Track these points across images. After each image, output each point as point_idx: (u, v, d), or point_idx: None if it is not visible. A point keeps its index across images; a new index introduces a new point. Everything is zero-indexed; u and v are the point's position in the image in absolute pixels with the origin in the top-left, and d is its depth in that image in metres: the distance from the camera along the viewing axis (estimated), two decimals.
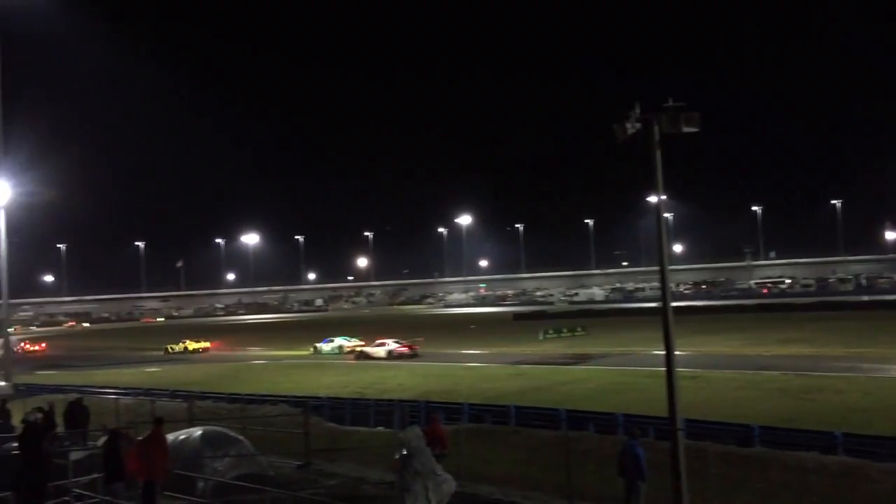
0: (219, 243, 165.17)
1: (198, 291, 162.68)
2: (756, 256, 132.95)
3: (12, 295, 44.97)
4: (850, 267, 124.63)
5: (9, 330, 44.25)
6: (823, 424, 20.45)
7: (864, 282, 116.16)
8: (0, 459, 14.50)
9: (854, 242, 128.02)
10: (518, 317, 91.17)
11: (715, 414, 22.78)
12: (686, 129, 14.72)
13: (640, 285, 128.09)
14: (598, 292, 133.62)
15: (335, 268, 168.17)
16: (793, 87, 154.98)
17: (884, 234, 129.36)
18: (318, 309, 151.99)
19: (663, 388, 15.32)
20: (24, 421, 18.70)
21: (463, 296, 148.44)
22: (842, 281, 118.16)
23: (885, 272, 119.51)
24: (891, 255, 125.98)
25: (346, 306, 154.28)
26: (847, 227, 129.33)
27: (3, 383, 36.07)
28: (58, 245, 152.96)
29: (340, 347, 55.20)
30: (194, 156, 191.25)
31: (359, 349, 52.59)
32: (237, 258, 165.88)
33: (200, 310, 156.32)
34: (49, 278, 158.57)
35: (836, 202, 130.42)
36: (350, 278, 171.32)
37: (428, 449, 13.77)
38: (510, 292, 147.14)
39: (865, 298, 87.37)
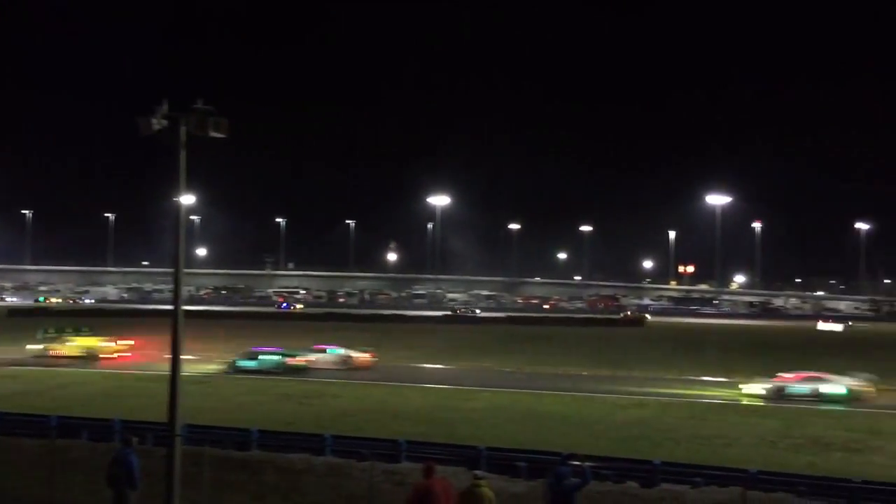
0: None
1: None
2: (276, 266, 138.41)
3: None
4: (357, 282, 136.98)
5: None
6: (318, 427, 21.96)
7: (367, 296, 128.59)
8: None
9: (362, 260, 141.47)
10: (14, 312, 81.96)
11: (220, 419, 23.08)
12: (214, 135, 14.71)
13: (159, 286, 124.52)
14: (111, 291, 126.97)
15: None
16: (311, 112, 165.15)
17: (386, 255, 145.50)
18: None
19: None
20: None
21: None
22: (349, 294, 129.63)
23: (385, 289, 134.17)
24: (390, 274, 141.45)
25: None
26: (357, 246, 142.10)
27: None
28: None
29: None
30: None
31: None
32: None
33: None
34: None
35: (350, 222, 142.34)
36: None
37: None
38: (8, 285, 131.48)
39: (366, 311, 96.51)
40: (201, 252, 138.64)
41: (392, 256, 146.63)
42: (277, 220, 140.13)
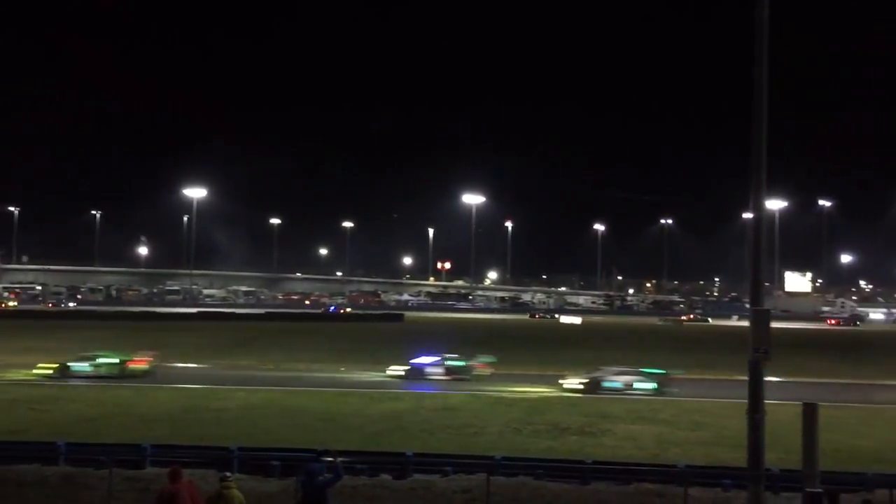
0: None
1: None
2: (8, 260, 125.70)
3: None
4: (104, 278, 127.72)
5: None
6: (55, 435, 20.14)
7: (114, 292, 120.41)
8: None
9: (109, 254, 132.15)
10: None
11: None
12: None
13: None
14: None
15: None
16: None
17: (136, 249, 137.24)
18: None
19: None
20: None
21: None
22: (93, 291, 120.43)
23: (135, 284, 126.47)
24: (141, 269, 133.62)
25: None
26: (104, 239, 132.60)
27: None
28: None
29: None
30: None
31: None
32: None
33: None
34: None
35: (97, 213, 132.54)
36: None
37: None
38: None
39: (113, 309, 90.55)
40: None
41: (143, 250, 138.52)
42: (10, 208, 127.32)
